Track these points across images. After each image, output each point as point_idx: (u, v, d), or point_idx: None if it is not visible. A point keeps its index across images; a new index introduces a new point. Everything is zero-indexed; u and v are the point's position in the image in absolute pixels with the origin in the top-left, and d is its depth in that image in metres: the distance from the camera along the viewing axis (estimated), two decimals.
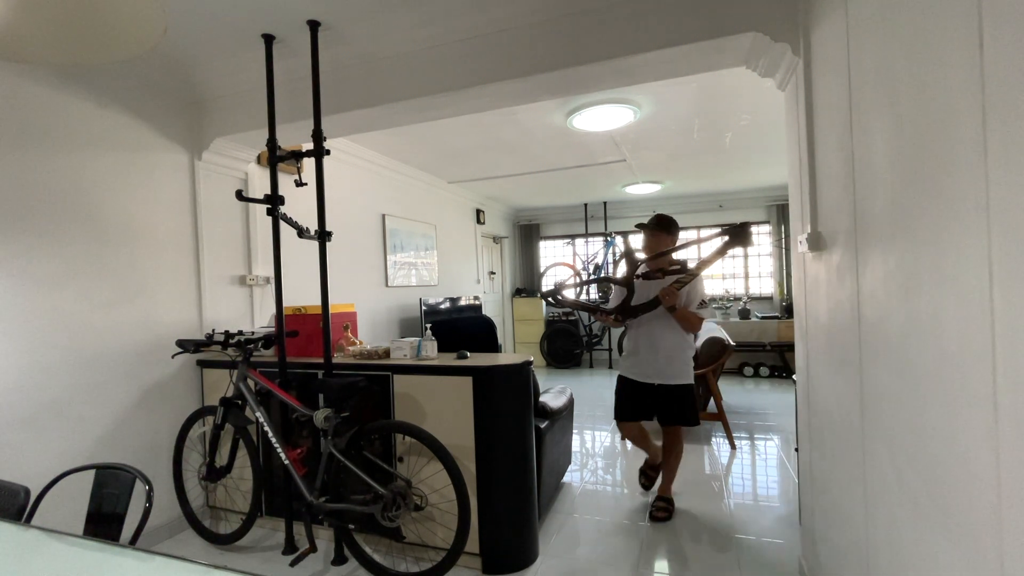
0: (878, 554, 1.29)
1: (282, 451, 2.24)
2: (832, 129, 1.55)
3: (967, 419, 0.86)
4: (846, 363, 1.48)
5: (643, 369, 2.69)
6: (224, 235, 3.05)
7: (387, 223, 4.73)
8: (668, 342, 2.64)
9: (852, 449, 1.45)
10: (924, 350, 1.00)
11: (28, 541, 1.11)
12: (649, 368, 2.67)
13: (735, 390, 5.66)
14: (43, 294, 2.19)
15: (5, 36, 0.99)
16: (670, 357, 2.63)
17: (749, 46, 2.02)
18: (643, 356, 2.68)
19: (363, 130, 2.93)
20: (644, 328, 2.68)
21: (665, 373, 2.64)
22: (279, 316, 2.53)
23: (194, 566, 0.96)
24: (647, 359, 2.67)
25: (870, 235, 1.27)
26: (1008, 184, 0.74)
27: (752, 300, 7.06)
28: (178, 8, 2.11)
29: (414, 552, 2.39)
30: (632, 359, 2.75)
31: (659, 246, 2.67)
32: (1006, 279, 0.75)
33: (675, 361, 2.64)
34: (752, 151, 4.83)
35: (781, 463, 3.47)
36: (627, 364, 2.78)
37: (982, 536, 0.83)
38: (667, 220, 2.71)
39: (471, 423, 2.26)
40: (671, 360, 2.63)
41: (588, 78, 2.28)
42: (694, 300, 2.60)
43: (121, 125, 2.54)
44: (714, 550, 2.39)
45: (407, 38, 2.37)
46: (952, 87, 0.87)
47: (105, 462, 1.47)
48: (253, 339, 2.46)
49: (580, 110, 3.52)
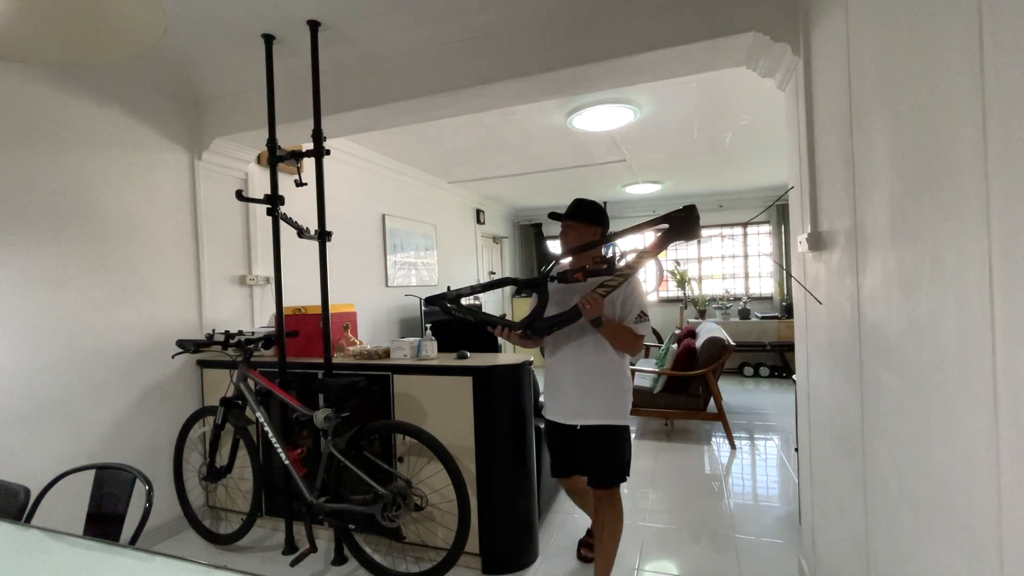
0: (878, 554, 1.29)
1: (282, 451, 2.24)
2: (832, 129, 1.54)
3: (967, 419, 0.86)
4: (846, 363, 1.48)
5: (562, 405, 1.99)
6: (224, 235, 3.05)
7: (387, 223, 4.73)
8: (593, 368, 1.94)
9: (852, 449, 1.45)
10: (924, 350, 1.00)
11: (28, 541, 1.11)
12: (569, 403, 1.97)
13: (735, 390, 5.66)
14: (43, 294, 2.19)
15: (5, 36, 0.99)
16: (594, 388, 1.93)
17: (749, 46, 2.02)
18: (562, 387, 1.99)
19: (363, 130, 2.93)
20: (563, 349, 1.99)
21: (588, 410, 1.93)
22: (279, 316, 2.53)
23: (194, 566, 0.96)
24: (567, 391, 1.97)
25: (870, 235, 1.27)
26: (1008, 184, 0.74)
27: (752, 300, 7.06)
28: (178, 8, 2.11)
29: (414, 552, 2.39)
30: (550, 391, 2.05)
31: (579, 240, 2.00)
32: (1006, 279, 0.75)
33: (602, 393, 1.93)
34: (752, 151, 4.83)
35: (781, 463, 3.47)
36: (547, 399, 2.07)
37: (982, 536, 0.83)
38: (587, 205, 2.04)
39: (471, 423, 2.26)
40: (595, 392, 1.93)
41: (588, 78, 2.28)
42: (630, 311, 1.92)
43: (121, 125, 2.54)
44: (714, 550, 2.39)
45: (407, 38, 2.37)
46: (952, 87, 0.87)
47: (105, 462, 1.46)
48: (253, 339, 2.45)
49: (580, 110, 3.52)
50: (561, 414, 2.00)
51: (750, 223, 7.24)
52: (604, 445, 1.94)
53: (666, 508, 2.83)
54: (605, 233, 2.03)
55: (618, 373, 1.96)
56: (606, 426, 1.93)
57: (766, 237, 7.16)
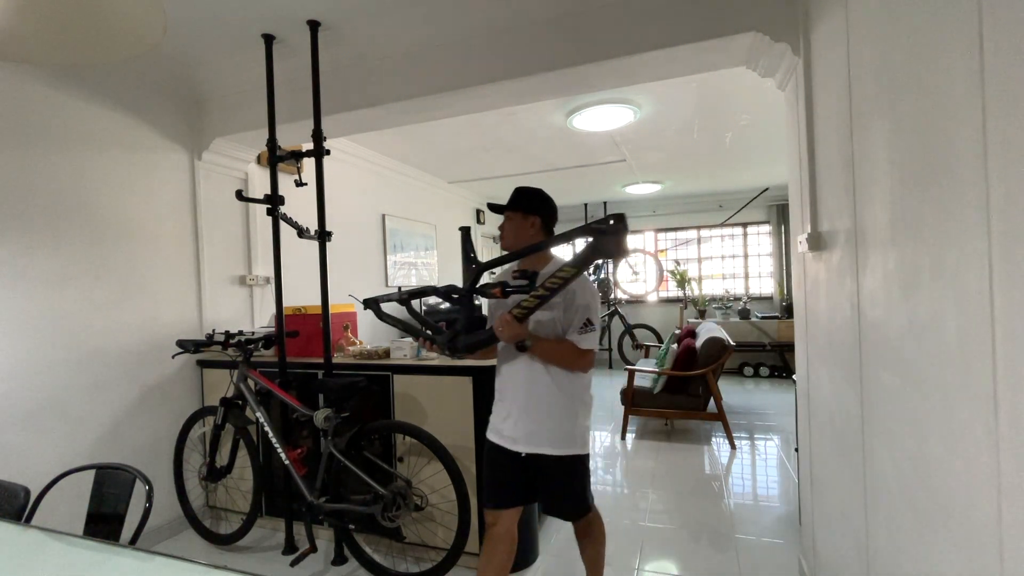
0: (878, 554, 1.29)
1: (282, 451, 2.24)
2: (832, 129, 1.54)
3: (967, 419, 0.86)
4: (846, 363, 1.48)
5: (506, 427, 1.70)
6: (224, 235, 3.05)
7: (387, 223, 4.73)
8: (542, 387, 1.64)
9: (852, 449, 1.45)
10: (924, 350, 1.00)
11: (28, 541, 1.11)
12: (514, 427, 1.67)
13: (735, 390, 5.66)
14: (43, 294, 2.19)
15: (5, 36, 0.99)
16: (545, 411, 1.64)
17: (749, 46, 2.02)
18: (507, 407, 1.71)
19: (363, 130, 2.93)
20: (511, 363, 1.70)
21: (538, 436, 1.64)
22: (279, 316, 2.53)
23: (194, 566, 0.96)
24: (512, 413, 1.68)
25: (870, 235, 1.27)
26: (1008, 184, 0.74)
27: (752, 300, 7.06)
28: (178, 8, 2.11)
29: (414, 552, 2.39)
30: (495, 408, 1.78)
31: (515, 233, 1.72)
32: (1006, 279, 0.75)
33: (552, 417, 1.64)
34: (752, 151, 4.83)
35: (781, 463, 3.47)
36: (492, 417, 1.79)
37: (982, 536, 0.83)
38: (523, 192, 1.74)
39: (471, 423, 2.26)
40: (545, 416, 1.64)
41: (588, 78, 2.28)
42: (573, 318, 1.62)
43: (121, 125, 2.54)
44: (714, 550, 2.39)
45: (407, 38, 2.37)
46: (952, 87, 0.87)
47: (105, 462, 1.46)
48: (253, 339, 2.45)
49: (580, 110, 3.52)
50: (505, 437, 1.69)
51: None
52: (562, 479, 1.68)
53: (666, 508, 2.83)
54: (549, 225, 1.74)
55: (573, 394, 1.66)
56: (560, 457, 1.63)
57: (766, 237, 7.15)
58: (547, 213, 1.73)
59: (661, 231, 7.60)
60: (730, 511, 2.77)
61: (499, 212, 1.76)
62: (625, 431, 4.09)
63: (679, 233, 7.57)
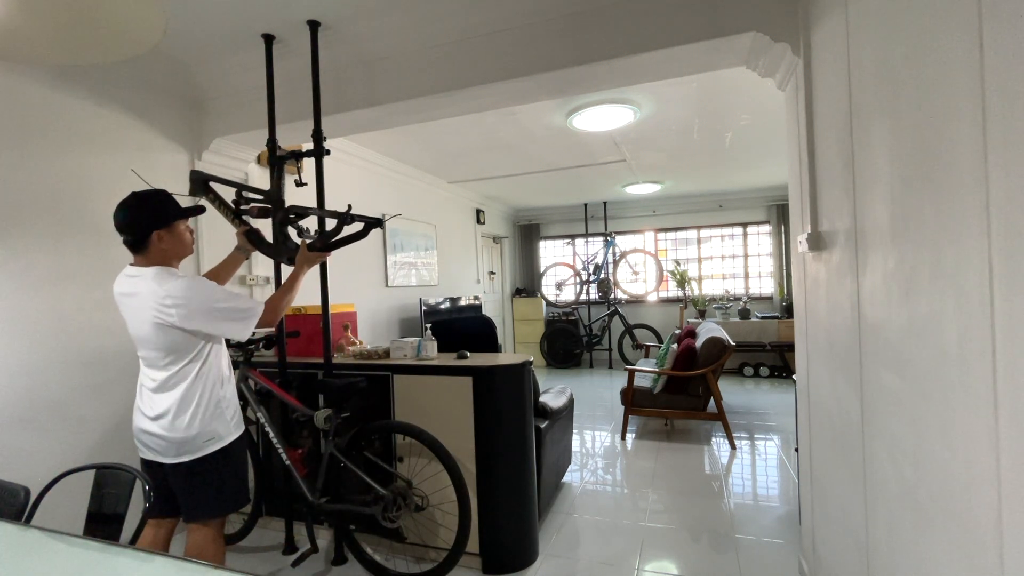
0: (878, 554, 1.29)
1: (283, 451, 2.24)
2: (832, 129, 1.54)
3: (967, 419, 0.86)
4: (846, 363, 1.48)
5: (138, 434, 1.66)
6: (224, 235, 3.04)
7: (387, 223, 4.73)
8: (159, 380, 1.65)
9: (852, 449, 1.45)
10: (924, 350, 1.00)
11: (28, 541, 1.11)
12: (142, 433, 1.65)
13: (735, 390, 5.66)
14: (43, 294, 2.19)
15: (5, 36, 0.99)
16: (171, 408, 1.62)
17: (749, 46, 2.02)
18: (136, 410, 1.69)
19: (363, 130, 2.93)
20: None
21: (168, 441, 1.60)
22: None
23: (194, 566, 0.96)
24: (137, 416, 1.69)
25: (870, 235, 1.27)
26: (1008, 184, 0.74)
27: (752, 300, 7.06)
28: (178, 8, 2.11)
29: (415, 552, 2.39)
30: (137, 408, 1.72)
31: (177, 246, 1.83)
32: (1006, 279, 0.75)
33: (183, 416, 1.60)
34: (752, 151, 4.83)
35: (781, 463, 3.47)
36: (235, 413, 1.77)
37: (982, 536, 0.83)
38: (138, 216, 1.71)
39: (471, 423, 2.26)
40: (175, 416, 1.61)
41: (588, 78, 2.28)
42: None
43: (121, 125, 2.54)
44: (714, 550, 2.39)
45: (407, 38, 2.37)
46: (952, 87, 0.87)
47: (105, 462, 1.47)
48: (253, 339, 2.45)
49: (580, 110, 3.52)
50: (142, 446, 1.66)
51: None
52: (191, 479, 1.58)
53: (666, 508, 2.83)
54: (160, 222, 1.74)
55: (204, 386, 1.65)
56: (186, 463, 1.58)
57: (766, 237, 7.15)
58: (152, 219, 1.69)
59: (661, 231, 7.60)
60: (730, 511, 2.77)
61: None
62: (625, 431, 4.09)
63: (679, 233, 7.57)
